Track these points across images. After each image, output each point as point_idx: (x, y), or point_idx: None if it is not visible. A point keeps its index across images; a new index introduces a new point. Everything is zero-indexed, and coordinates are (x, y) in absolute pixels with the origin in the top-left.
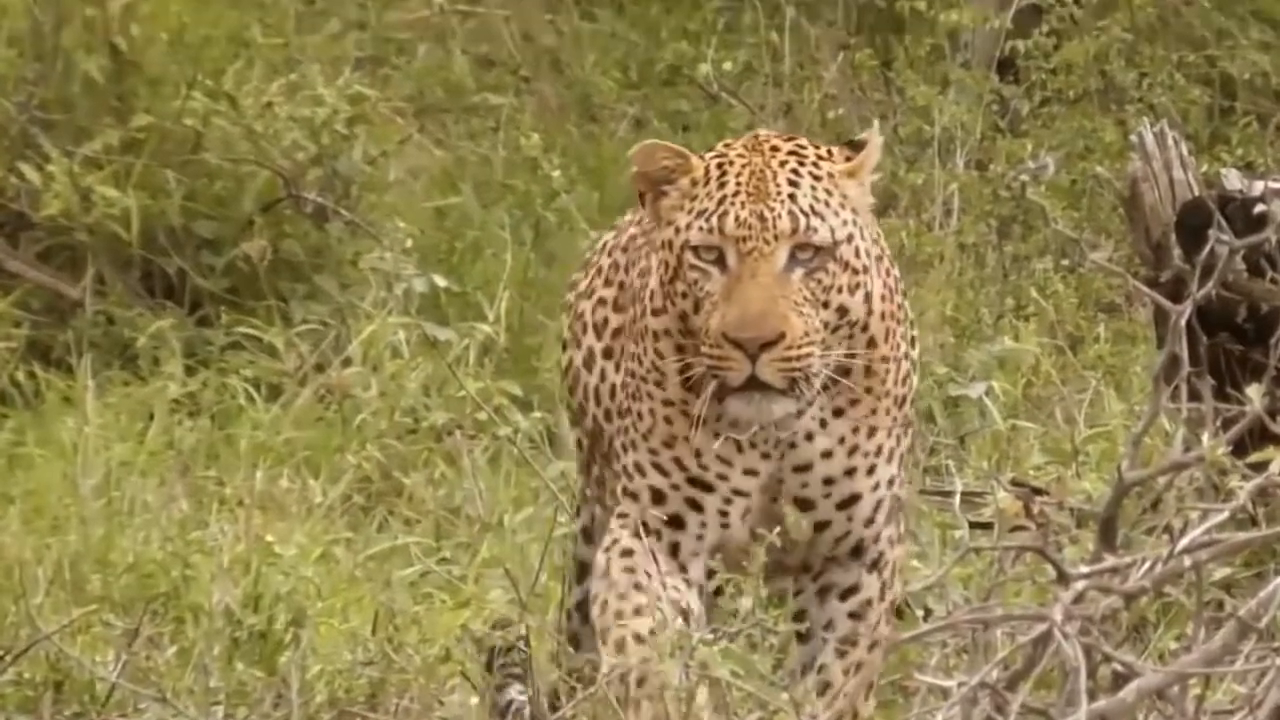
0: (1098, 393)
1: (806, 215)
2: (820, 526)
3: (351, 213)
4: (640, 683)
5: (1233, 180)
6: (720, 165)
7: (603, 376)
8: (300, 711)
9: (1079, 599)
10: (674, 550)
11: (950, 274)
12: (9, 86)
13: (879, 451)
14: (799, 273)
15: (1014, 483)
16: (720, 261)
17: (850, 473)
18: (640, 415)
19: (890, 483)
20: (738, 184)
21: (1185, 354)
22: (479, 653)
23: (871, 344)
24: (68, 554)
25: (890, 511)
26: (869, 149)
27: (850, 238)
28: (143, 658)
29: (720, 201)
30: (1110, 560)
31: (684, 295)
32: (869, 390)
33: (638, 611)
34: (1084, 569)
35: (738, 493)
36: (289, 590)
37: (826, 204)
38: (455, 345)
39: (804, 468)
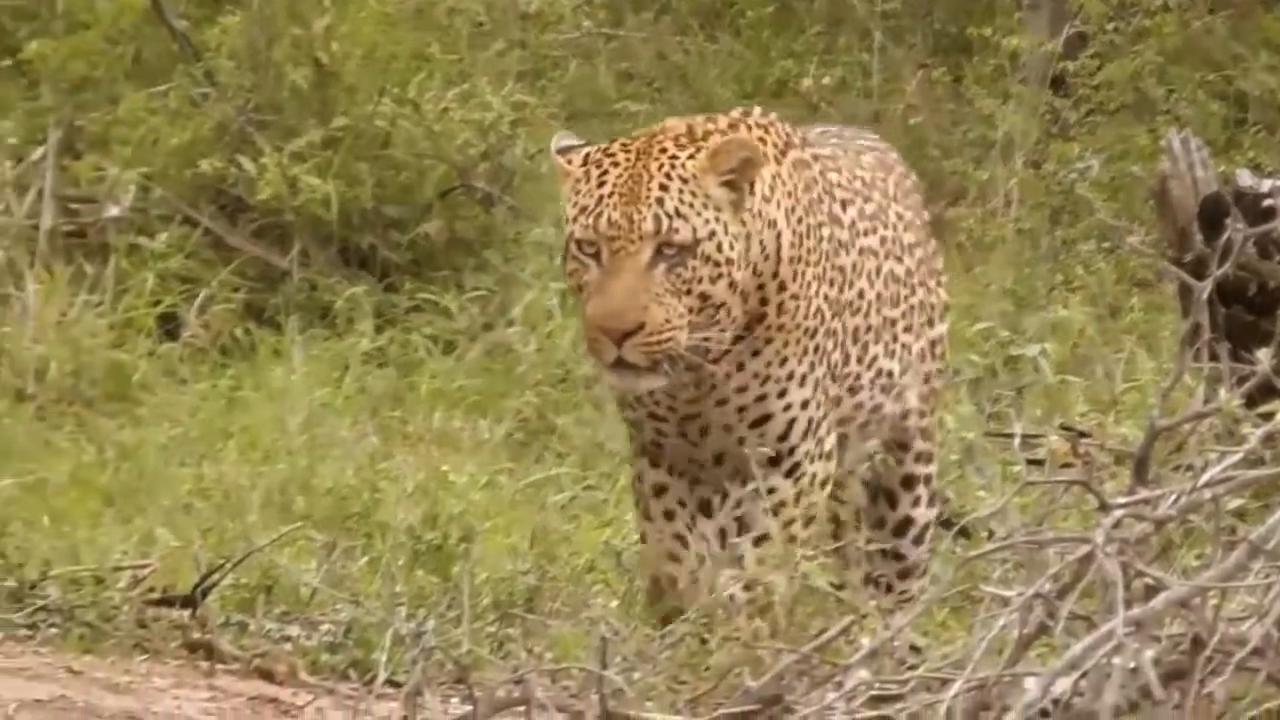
0: (1132, 353)
1: (670, 217)
2: (739, 441)
3: (514, 199)
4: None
5: (1245, 179)
6: (601, 166)
7: None
8: (469, 612)
9: (1117, 525)
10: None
11: (1010, 255)
12: (230, 93)
13: (790, 377)
14: (662, 267)
15: (1063, 428)
16: (597, 256)
17: (762, 398)
18: None
19: (804, 405)
20: (614, 186)
21: (1206, 322)
22: (619, 563)
23: (781, 287)
24: (277, 480)
25: (807, 430)
26: (726, 148)
27: (712, 234)
28: (339, 567)
29: (599, 201)
30: (1143, 493)
31: (571, 275)
32: (781, 326)
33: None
34: (1121, 500)
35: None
36: (460, 511)
37: (691, 205)
38: None
39: (723, 401)
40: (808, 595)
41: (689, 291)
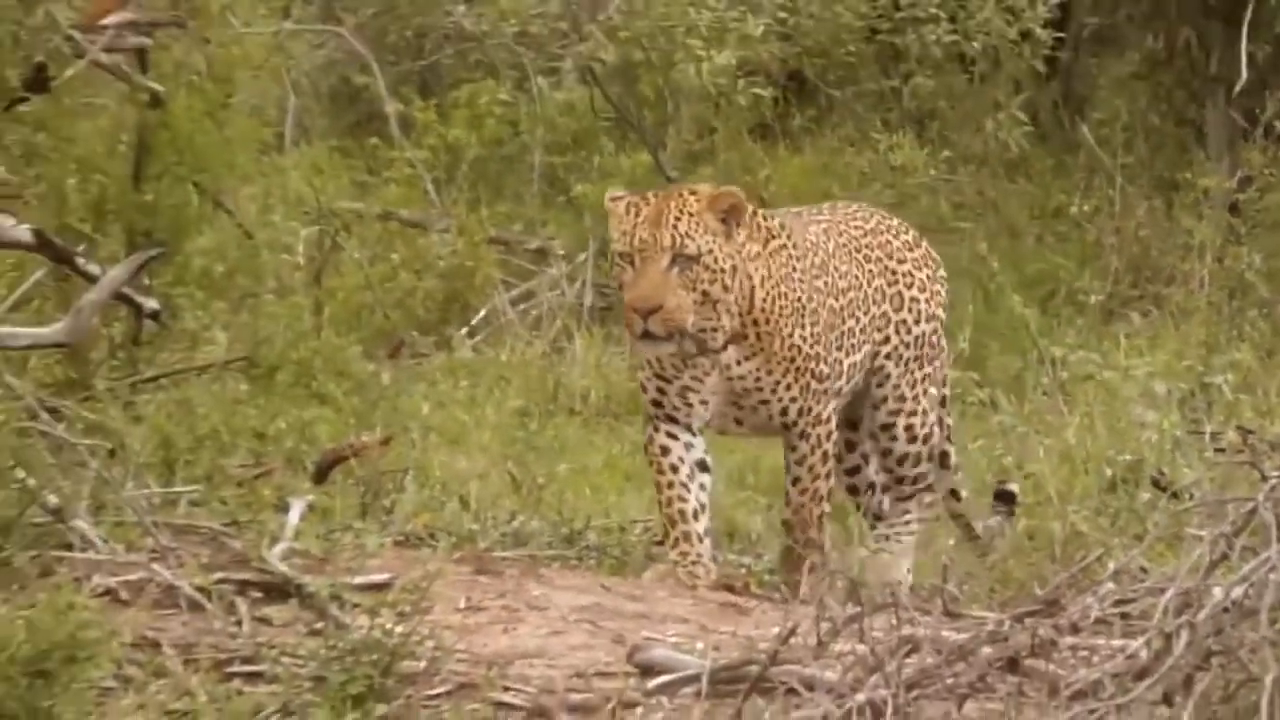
0: None
1: (682, 236)
2: (752, 410)
3: None
4: None
5: None
6: (637, 206)
7: None
8: (858, 542)
9: (1273, 489)
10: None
11: (1204, 318)
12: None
13: (776, 385)
14: (676, 270)
15: (1237, 428)
16: (632, 262)
17: (758, 391)
18: None
19: (793, 399)
20: (645, 216)
21: None
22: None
23: (755, 324)
24: (735, 463)
25: (801, 411)
26: (720, 196)
27: (710, 250)
28: (774, 518)
29: (634, 226)
30: None
31: (614, 278)
32: (759, 351)
33: None
34: (1275, 473)
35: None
36: None
37: (696, 229)
38: None
39: (728, 378)
40: (1075, 535)
41: (694, 289)
